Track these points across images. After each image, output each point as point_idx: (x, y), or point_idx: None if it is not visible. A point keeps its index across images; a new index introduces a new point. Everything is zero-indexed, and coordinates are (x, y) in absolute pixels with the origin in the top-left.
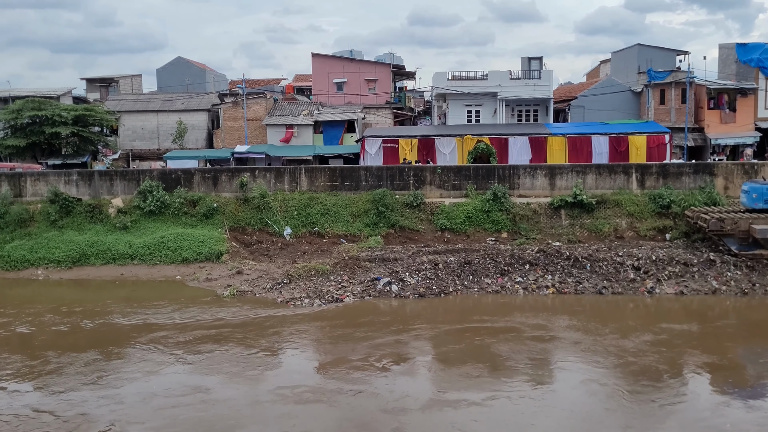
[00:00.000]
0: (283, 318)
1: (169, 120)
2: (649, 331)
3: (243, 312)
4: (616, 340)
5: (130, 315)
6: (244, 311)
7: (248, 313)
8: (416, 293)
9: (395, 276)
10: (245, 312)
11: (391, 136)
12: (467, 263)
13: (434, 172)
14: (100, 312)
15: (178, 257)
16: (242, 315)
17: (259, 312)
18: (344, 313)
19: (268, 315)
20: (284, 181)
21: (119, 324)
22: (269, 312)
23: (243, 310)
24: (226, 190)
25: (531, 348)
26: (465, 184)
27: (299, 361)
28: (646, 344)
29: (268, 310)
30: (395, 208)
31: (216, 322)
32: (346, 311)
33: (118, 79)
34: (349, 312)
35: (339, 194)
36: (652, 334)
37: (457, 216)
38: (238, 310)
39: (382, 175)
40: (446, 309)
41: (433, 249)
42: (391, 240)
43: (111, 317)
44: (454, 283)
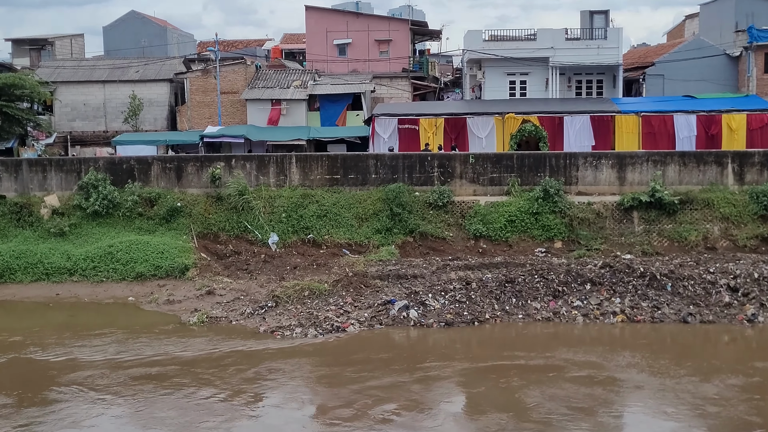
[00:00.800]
0: (267, 352)
1: (119, 93)
2: (740, 373)
3: (214, 344)
4: (695, 383)
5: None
6: (216, 343)
7: (221, 346)
8: (442, 321)
9: (414, 298)
10: (217, 344)
11: (409, 115)
12: (509, 282)
13: (466, 161)
14: (17, 344)
15: (130, 272)
16: (213, 348)
17: (235, 344)
18: (347, 346)
19: (248, 348)
20: (269, 174)
21: (40, 360)
22: (249, 344)
23: (214, 341)
24: (194, 185)
25: (573, 393)
26: (506, 178)
27: (282, 413)
28: (735, 390)
29: (248, 342)
30: (414, 209)
31: (177, 357)
32: (350, 344)
33: (53, 40)
34: (353, 345)
35: (341, 191)
36: (744, 376)
37: (496, 220)
38: (208, 342)
39: (397, 165)
40: (480, 341)
41: (465, 263)
42: (409, 251)
43: (27, 351)
44: (492, 307)
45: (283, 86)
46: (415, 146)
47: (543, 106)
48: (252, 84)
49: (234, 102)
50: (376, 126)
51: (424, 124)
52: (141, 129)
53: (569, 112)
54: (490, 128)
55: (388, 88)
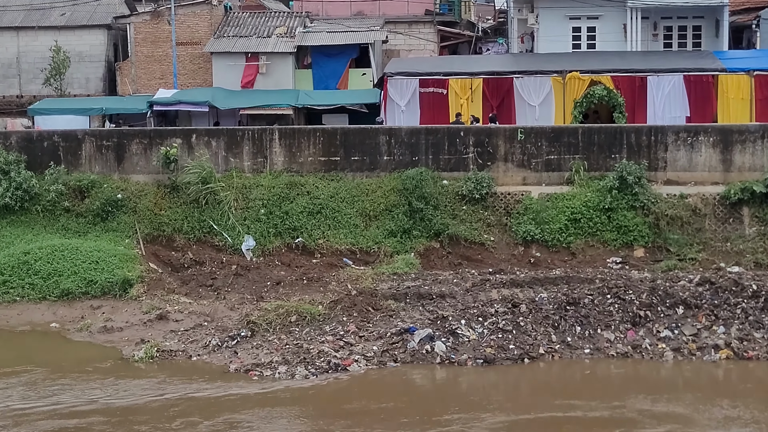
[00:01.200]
0: (237, 399)
1: (37, 45)
2: None
3: (165, 388)
4: None
5: None
6: (168, 386)
7: (174, 390)
8: (479, 356)
9: (442, 326)
10: (169, 388)
11: (434, 74)
12: (571, 304)
13: (513, 138)
14: None
15: (53, 290)
16: (161, 393)
17: (195, 388)
18: (349, 390)
19: (212, 394)
20: (243, 155)
21: None
22: (214, 388)
23: (166, 384)
24: (140, 170)
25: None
26: (568, 161)
27: None
28: None
29: (213, 385)
30: (442, 204)
31: (107, 406)
32: (353, 388)
33: None
34: (357, 389)
35: (341, 178)
36: None
37: (554, 218)
38: (157, 385)
39: (418, 143)
40: (531, 384)
41: (510, 277)
42: (435, 261)
43: None
44: (548, 339)
45: (262, 35)
46: (442, 117)
47: (619, 62)
48: (220, 32)
49: (195, 56)
50: (389, 89)
51: (454, 86)
52: (68, 93)
53: (655, 71)
54: (545, 93)
55: (407, 37)
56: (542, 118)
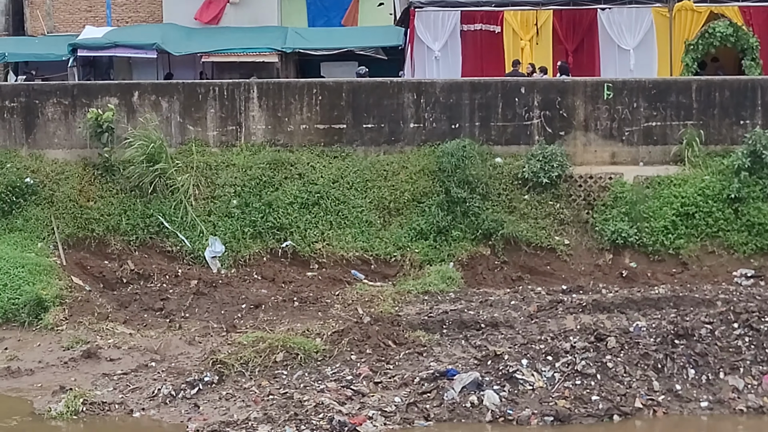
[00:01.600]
0: None
1: None
2: None
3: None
4: None
5: None
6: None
7: None
8: (547, 412)
9: (494, 367)
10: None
11: (483, 4)
12: (682, 336)
13: (596, 96)
14: None
15: None
16: None
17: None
18: None
19: None
20: (206, 121)
21: None
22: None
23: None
24: (59, 144)
25: None
26: (677, 130)
27: None
28: None
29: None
30: (493, 192)
31: None
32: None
33: None
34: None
35: (349, 154)
36: None
37: (657, 213)
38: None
39: (459, 103)
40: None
41: (594, 298)
42: (483, 273)
43: None
44: (648, 386)
45: None
46: (494, 66)
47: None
48: None
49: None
50: (418, 27)
51: (512, 22)
52: None
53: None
54: (644, 31)
55: None
56: (639, 67)
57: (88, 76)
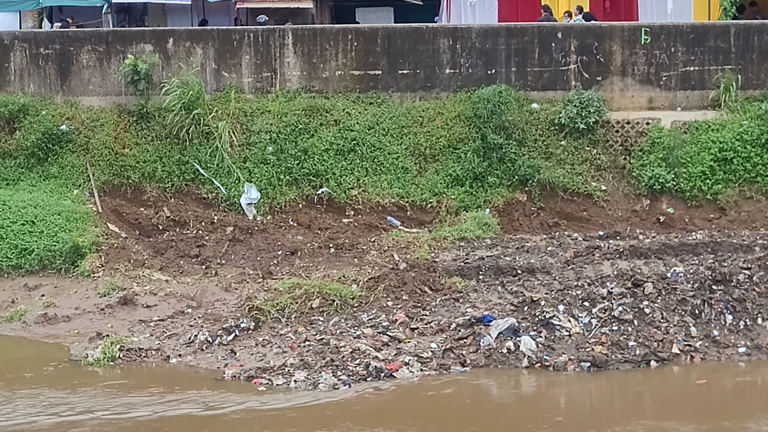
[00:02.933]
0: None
1: None
2: None
3: (132, 404)
4: None
5: None
6: (137, 402)
7: (145, 409)
8: (584, 358)
9: (530, 313)
10: (138, 404)
11: None
12: (720, 282)
13: (633, 40)
14: None
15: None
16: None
17: (174, 404)
18: (396, 408)
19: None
20: (242, 68)
21: None
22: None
23: (133, 398)
24: (95, 91)
25: None
26: (715, 74)
27: None
28: None
29: (201, 400)
30: (530, 138)
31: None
32: (402, 404)
33: None
34: (408, 406)
35: (384, 101)
36: None
37: (694, 158)
38: (120, 400)
39: (495, 48)
40: (664, 398)
41: (631, 244)
42: (520, 219)
43: None
44: (685, 332)
45: None
46: (530, 12)
47: None
48: None
49: None
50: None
51: None
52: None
53: None
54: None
55: None
56: (677, 11)
57: (122, 22)
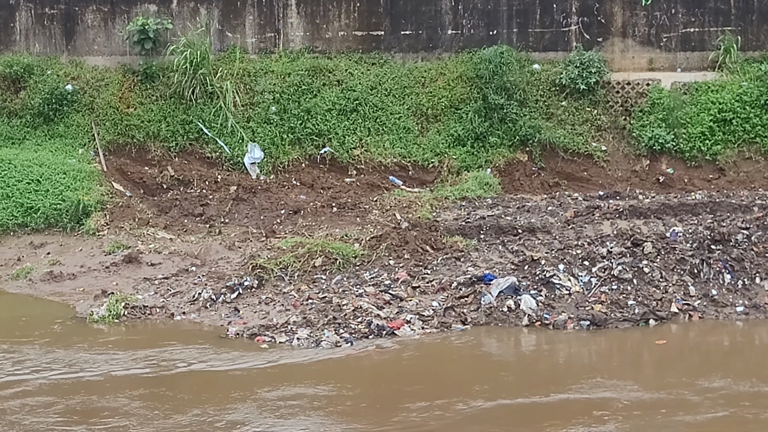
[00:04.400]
0: (240, 377)
1: None
2: None
3: (136, 361)
4: None
5: None
6: (141, 359)
7: (149, 366)
8: (584, 316)
9: (530, 272)
10: (143, 361)
11: None
12: (719, 242)
13: (633, 2)
14: None
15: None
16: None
17: (178, 361)
18: (398, 366)
19: (202, 369)
20: (245, 28)
21: None
22: (205, 361)
23: (137, 355)
24: (100, 51)
25: None
26: (715, 35)
27: None
28: None
29: (204, 357)
30: (530, 98)
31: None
32: (404, 361)
33: None
34: (410, 363)
35: (387, 61)
36: None
37: (694, 118)
38: (125, 357)
39: (497, 9)
40: (662, 357)
41: (630, 204)
42: (521, 179)
43: None
44: (684, 291)
45: None
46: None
47: None
48: None
49: None
50: None
51: None
52: None
53: None
54: None
55: None
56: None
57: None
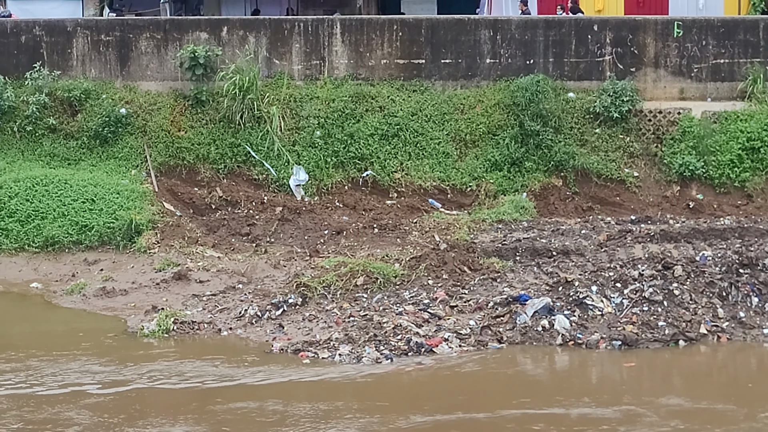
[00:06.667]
0: (284, 390)
1: None
2: None
3: (184, 374)
4: None
5: None
6: (189, 372)
7: (197, 379)
8: (616, 336)
9: (564, 293)
10: (191, 374)
11: None
12: (747, 266)
13: (666, 33)
14: None
15: (34, 237)
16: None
17: (225, 375)
18: (436, 382)
19: (247, 382)
20: (292, 56)
21: None
22: (251, 375)
23: (185, 368)
24: (153, 77)
25: None
26: (744, 67)
27: None
28: None
29: (250, 371)
30: (565, 125)
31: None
32: (442, 378)
33: None
34: (448, 380)
35: (427, 88)
36: None
37: (723, 146)
38: (173, 370)
39: (534, 40)
40: (691, 375)
41: (661, 228)
42: (555, 203)
43: None
44: (713, 313)
45: None
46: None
47: None
48: None
49: None
50: None
51: None
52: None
53: None
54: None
55: None
56: (708, 6)
57: (178, 11)
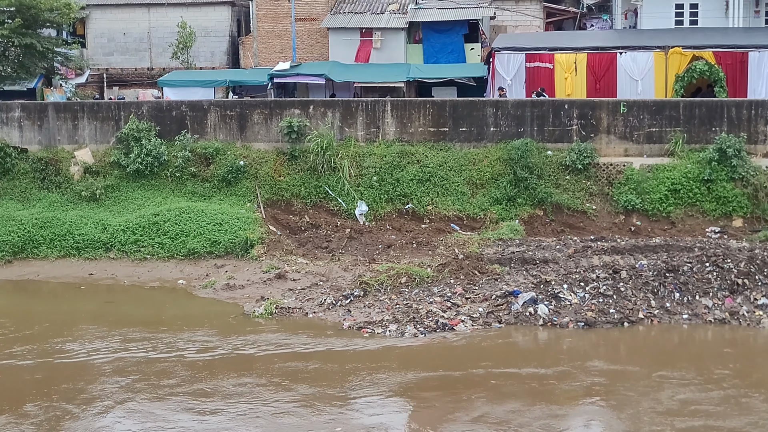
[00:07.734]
0: (352, 354)
1: (166, 20)
2: None
3: (286, 342)
4: None
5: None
6: (288, 340)
7: (295, 343)
8: (580, 319)
9: (545, 289)
10: (290, 341)
11: (540, 49)
12: (671, 271)
13: (615, 110)
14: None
15: (180, 248)
16: (284, 346)
17: (312, 343)
18: (456, 349)
19: (328, 348)
20: (357, 125)
21: (82, 361)
22: (329, 344)
23: (286, 338)
24: (261, 139)
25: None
26: (668, 134)
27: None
28: None
29: (328, 341)
30: (546, 173)
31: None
32: (460, 348)
33: None
34: (464, 349)
35: (449, 148)
36: None
37: (655, 188)
38: (278, 339)
39: (524, 115)
40: (631, 347)
41: (612, 245)
42: (538, 227)
43: (54, 346)
44: (647, 304)
45: (376, 11)
46: (547, 91)
47: (721, 38)
48: (336, 8)
49: (313, 32)
50: (496, 63)
51: (560, 61)
52: (194, 66)
53: (757, 47)
54: (648, 68)
55: (513, 13)
56: (644, 92)
57: (279, 95)
